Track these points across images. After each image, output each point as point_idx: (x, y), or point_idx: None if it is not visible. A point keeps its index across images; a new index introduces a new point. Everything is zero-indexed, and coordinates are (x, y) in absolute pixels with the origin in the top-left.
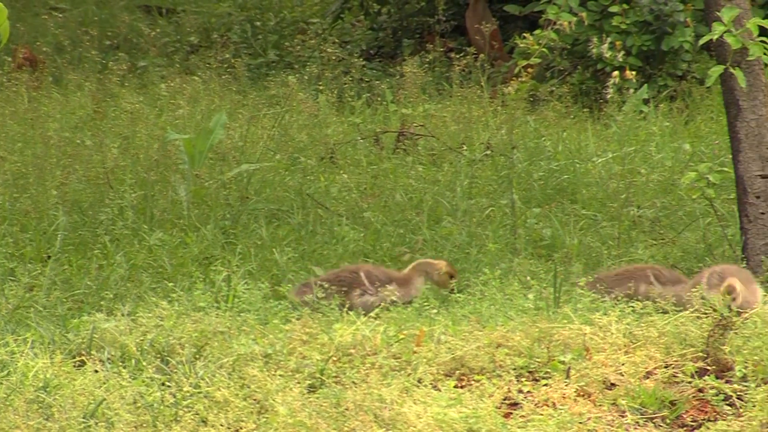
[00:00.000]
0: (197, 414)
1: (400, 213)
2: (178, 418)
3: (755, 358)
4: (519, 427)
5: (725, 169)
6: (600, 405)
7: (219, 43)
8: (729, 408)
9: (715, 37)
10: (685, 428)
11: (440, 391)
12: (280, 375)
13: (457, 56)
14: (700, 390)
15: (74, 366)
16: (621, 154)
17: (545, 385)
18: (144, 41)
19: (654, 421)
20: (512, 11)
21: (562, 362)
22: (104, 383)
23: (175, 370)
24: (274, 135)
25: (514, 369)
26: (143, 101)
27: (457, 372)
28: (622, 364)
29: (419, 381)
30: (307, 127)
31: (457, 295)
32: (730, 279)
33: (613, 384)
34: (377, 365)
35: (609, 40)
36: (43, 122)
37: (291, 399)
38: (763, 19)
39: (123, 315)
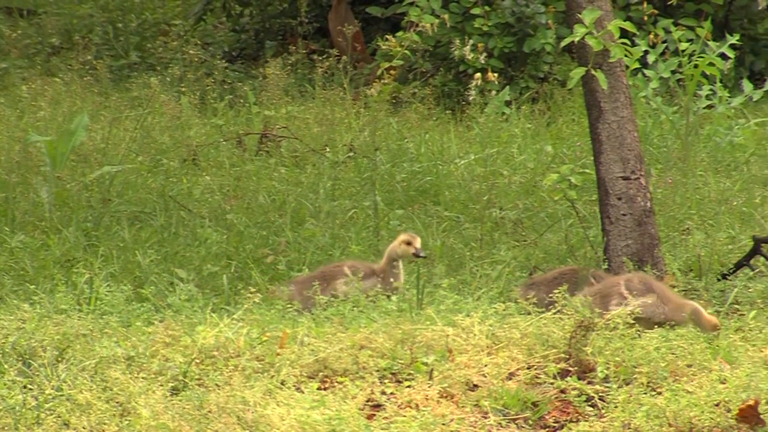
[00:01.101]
0: (59, 417)
1: (263, 215)
2: (40, 421)
3: (617, 359)
4: (382, 429)
5: (587, 170)
6: (463, 406)
7: (80, 44)
8: (591, 409)
9: (577, 39)
10: (547, 429)
11: (303, 393)
12: (142, 377)
13: (320, 58)
14: (563, 391)
15: None
16: (483, 155)
17: (408, 386)
18: (5, 43)
19: (516, 422)
20: (375, 13)
21: (425, 364)
22: None
23: (37, 373)
24: (136, 137)
25: (377, 371)
26: (4, 103)
27: (321, 374)
28: (485, 366)
29: (282, 383)
30: (170, 128)
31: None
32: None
33: (476, 385)
34: (240, 367)
35: (471, 42)
36: None
37: (154, 401)
38: (625, 21)
39: None
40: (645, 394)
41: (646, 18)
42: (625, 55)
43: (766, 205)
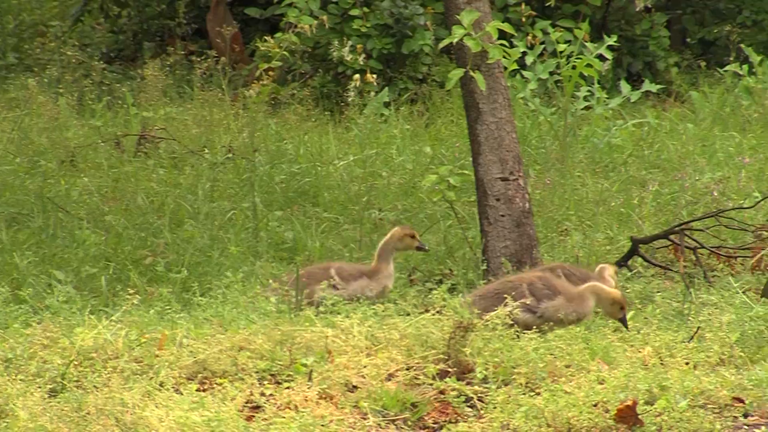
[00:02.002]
0: None
1: (142, 216)
2: None
3: (496, 359)
4: (261, 430)
5: (465, 171)
6: (342, 407)
7: None
8: (470, 410)
9: (455, 40)
10: (426, 430)
11: (182, 394)
12: (20, 379)
13: (198, 59)
14: (442, 392)
15: None
16: (362, 157)
17: (287, 388)
18: None
19: (396, 423)
20: (253, 14)
21: (305, 365)
22: None
23: None
24: (13, 138)
25: (257, 372)
26: None
27: (200, 375)
28: (364, 367)
29: (161, 385)
30: (48, 130)
31: (199, 298)
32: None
33: (355, 386)
34: (119, 369)
35: (350, 43)
36: None
37: (32, 403)
38: (503, 22)
39: None
40: (523, 394)
41: (524, 19)
42: (504, 57)
43: (643, 206)
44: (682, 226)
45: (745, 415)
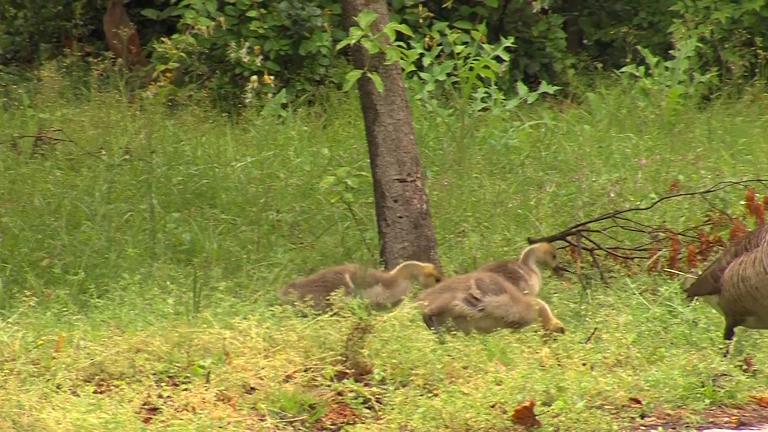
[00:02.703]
0: None
1: (39, 218)
2: None
3: (394, 361)
4: None
5: (363, 173)
6: (240, 409)
7: None
8: (368, 411)
9: (353, 41)
10: (324, 431)
11: (79, 396)
12: None
13: (95, 60)
14: (340, 393)
15: None
16: (260, 158)
17: (185, 389)
18: None
19: (294, 424)
20: (150, 15)
21: (202, 367)
22: None
23: None
24: None
25: (154, 374)
26: None
27: (97, 377)
28: (262, 368)
29: (58, 387)
30: None
31: (96, 300)
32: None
33: (252, 388)
34: (15, 371)
35: (247, 44)
36: None
37: None
38: (400, 24)
39: None
40: (421, 395)
41: (421, 21)
42: (401, 58)
43: (540, 207)
44: (579, 227)
45: (642, 416)
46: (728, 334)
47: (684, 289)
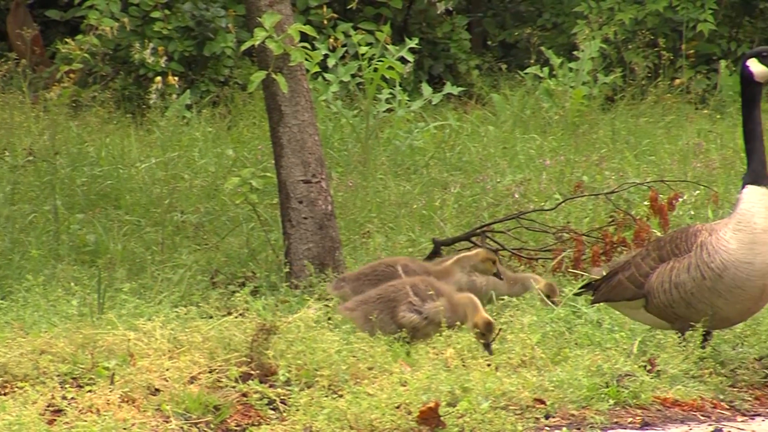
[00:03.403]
0: None
1: None
2: None
3: (299, 362)
4: None
5: (268, 174)
6: (144, 411)
7: None
8: (273, 412)
9: (257, 42)
10: None
11: None
12: None
13: None
14: (245, 394)
15: None
16: (164, 159)
17: (89, 391)
18: None
19: (198, 426)
20: (54, 16)
21: (107, 368)
22: None
23: None
24: None
25: (58, 375)
26: None
27: (0, 379)
28: (167, 370)
29: None
30: None
31: (0, 301)
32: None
33: (157, 389)
34: None
35: (151, 45)
36: None
37: None
38: (305, 25)
39: None
40: (326, 397)
41: (326, 22)
42: (306, 59)
43: (445, 207)
44: (484, 227)
45: (547, 417)
46: (700, 339)
47: (589, 290)
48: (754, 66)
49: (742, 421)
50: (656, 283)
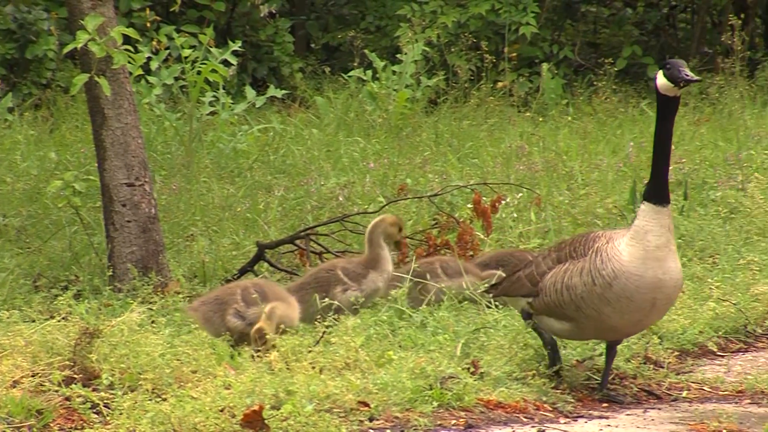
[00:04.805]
0: None
1: None
2: None
3: (122, 366)
4: None
5: (91, 177)
6: None
7: None
8: (96, 416)
9: (79, 45)
10: None
11: None
12: None
13: None
14: (68, 398)
15: None
16: None
17: None
18: None
19: (21, 430)
20: None
21: None
22: None
23: None
24: None
25: None
26: None
27: None
28: None
29: None
30: None
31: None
32: (272, 303)
33: None
34: None
35: None
36: None
37: None
38: (127, 27)
39: None
40: (150, 400)
41: (149, 24)
42: (129, 62)
43: (269, 210)
44: (308, 230)
45: (371, 419)
46: (550, 349)
47: (490, 286)
48: (659, 78)
49: (564, 423)
50: (549, 282)
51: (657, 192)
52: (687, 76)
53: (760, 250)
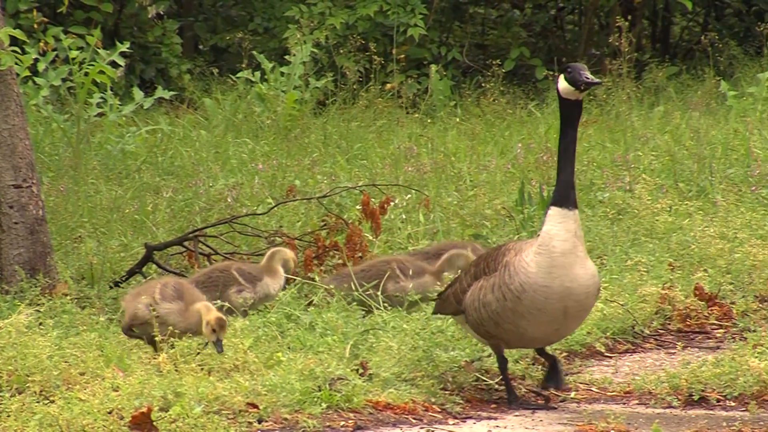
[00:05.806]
0: None
1: None
2: None
3: (10, 368)
4: None
5: None
6: None
7: None
8: None
9: None
10: None
11: None
12: None
13: None
14: None
15: None
16: None
17: None
18: None
19: None
20: None
21: None
22: None
23: None
24: None
25: None
26: None
27: None
28: None
29: None
30: None
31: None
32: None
33: None
34: None
35: None
36: None
37: None
38: (14, 29)
39: None
40: (38, 402)
41: (36, 26)
42: (16, 63)
43: (157, 212)
44: (196, 232)
45: (260, 421)
46: (501, 361)
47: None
48: (561, 83)
49: (453, 424)
50: (469, 300)
51: (562, 196)
52: (588, 79)
53: (648, 251)
